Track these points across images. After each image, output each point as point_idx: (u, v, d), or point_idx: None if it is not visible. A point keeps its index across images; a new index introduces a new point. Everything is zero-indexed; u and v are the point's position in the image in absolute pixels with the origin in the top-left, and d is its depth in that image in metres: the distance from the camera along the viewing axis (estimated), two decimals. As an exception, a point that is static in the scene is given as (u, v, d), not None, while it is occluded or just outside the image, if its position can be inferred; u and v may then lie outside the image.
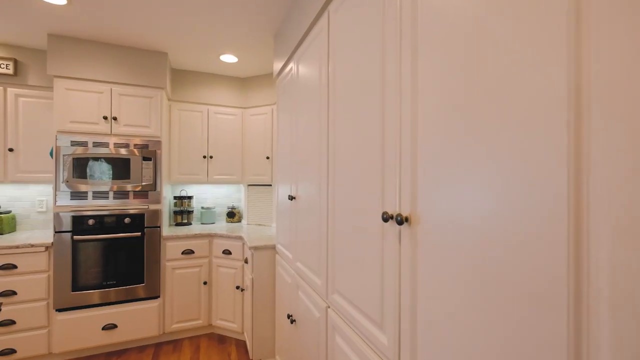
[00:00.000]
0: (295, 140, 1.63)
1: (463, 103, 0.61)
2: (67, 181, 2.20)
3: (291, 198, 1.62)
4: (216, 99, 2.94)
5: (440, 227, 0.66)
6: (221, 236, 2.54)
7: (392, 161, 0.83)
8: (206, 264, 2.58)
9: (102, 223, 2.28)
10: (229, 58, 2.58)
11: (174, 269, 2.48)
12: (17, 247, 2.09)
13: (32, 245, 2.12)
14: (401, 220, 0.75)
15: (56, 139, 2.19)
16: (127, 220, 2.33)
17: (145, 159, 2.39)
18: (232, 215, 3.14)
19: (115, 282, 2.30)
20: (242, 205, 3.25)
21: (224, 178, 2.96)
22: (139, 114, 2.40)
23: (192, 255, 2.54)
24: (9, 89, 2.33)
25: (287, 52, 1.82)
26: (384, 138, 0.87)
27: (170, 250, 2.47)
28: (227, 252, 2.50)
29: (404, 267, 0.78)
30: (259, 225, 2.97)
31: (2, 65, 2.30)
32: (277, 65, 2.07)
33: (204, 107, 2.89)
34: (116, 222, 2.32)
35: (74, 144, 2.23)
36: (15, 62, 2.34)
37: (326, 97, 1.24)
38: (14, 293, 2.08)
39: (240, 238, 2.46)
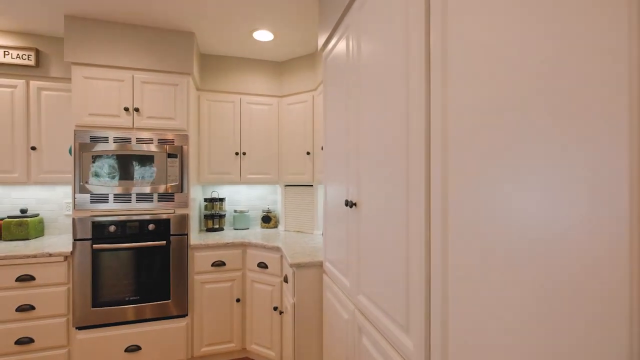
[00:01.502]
0: (358, 129, 1.17)
1: None
2: (87, 182, 1.93)
3: (350, 204, 1.16)
4: (249, 87, 2.57)
5: None
6: (256, 246, 2.16)
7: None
8: (239, 278, 2.22)
9: (123, 230, 2.00)
10: (263, 35, 2.18)
11: (203, 284, 2.14)
12: (35, 256, 1.86)
13: (50, 255, 1.88)
14: None
15: (75, 135, 1.94)
16: (151, 226, 2.03)
17: (170, 156, 2.07)
18: (268, 219, 2.76)
19: (138, 297, 2.01)
20: (278, 208, 2.87)
21: (258, 177, 2.58)
22: (164, 104, 2.09)
23: (224, 267, 2.18)
24: (31, 82, 2.13)
25: (338, 14, 1.36)
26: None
27: (199, 262, 2.14)
28: (262, 266, 2.11)
29: None
30: (299, 232, 2.56)
31: (23, 56, 2.11)
32: (323, 36, 1.62)
33: (236, 97, 2.54)
34: (139, 228, 2.02)
35: (94, 140, 1.96)
36: (37, 52, 2.13)
37: (421, 73, 0.76)
38: (32, 308, 1.86)
39: (277, 249, 2.05)
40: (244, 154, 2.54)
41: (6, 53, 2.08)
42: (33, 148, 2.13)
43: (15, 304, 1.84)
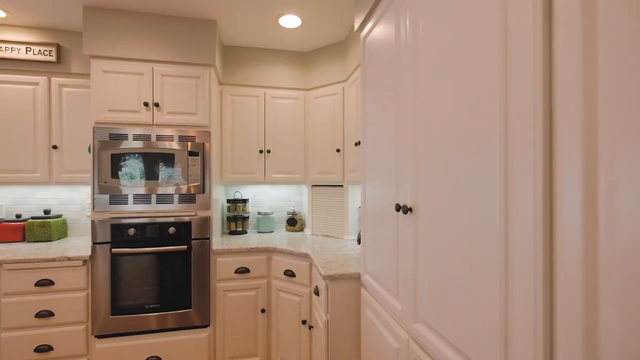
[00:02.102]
0: (415, 120, 0.94)
1: None
2: (105, 182, 1.83)
3: (403, 209, 0.94)
4: (274, 80, 2.40)
5: None
6: (282, 252, 1.97)
7: None
8: (264, 287, 2.04)
9: (143, 233, 1.87)
10: (290, 21, 1.99)
11: (226, 292, 1.98)
12: (54, 260, 1.77)
13: (69, 259, 1.78)
14: None
15: (94, 132, 1.83)
16: (171, 230, 1.89)
17: (191, 154, 1.93)
18: (293, 222, 2.57)
19: (159, 305, 1.88)
20: (304, 210, 2.67)
21: (283, 177, 2.40)
22: (184, 98, 1.95)
23: (248, 274, 2.01)
24: (52, 79, 2.06)
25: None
26: None
27: (222, 268, 1.98)
28: (289, 274, 1.92)
29: None
30: (327, 236, 2.35)
31: (44, 52, 2.04)
32: (362, 14, 1.40)
33: (260, 91, 2.37)
34: (159, 232, 1.89)
35: (113, 137, 1.85)
36: (58, 47, 2.06)
37: (538, 40, 0.52)
38: (51, 314, 1.77)
39: (306, 256, 1.85)
40: (269, 151, 2.36)
41: (28, 49, 2.02)
42: (54, 147, 2.06)
43: (34, 310, 1.75)
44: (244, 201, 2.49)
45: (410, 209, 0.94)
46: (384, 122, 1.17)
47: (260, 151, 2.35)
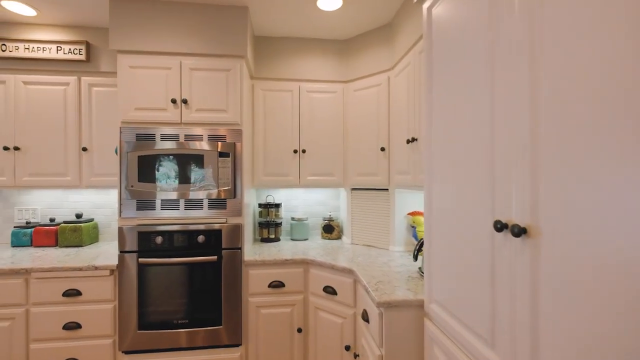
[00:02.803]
0: (533, 105, 0.66)
1: None
2: (132, 186, 1.69)
3: (513, 231, 0.65)
4: (309, 73, 2.17)
5: None
6: (321, 265, 1.73)
7: None
8: (300, 303, 1.81)
9: (171, 242, 1.72)
10: (329, 3, 1.75)
11: (259, 308, 1.79)
12: (81, 269, 1.66)
13: (96, 268, 1.67)
14: None
15: (120, 133, 1.71)
16: (200, 238, 1.73)
17: (221, 154, 1.75)
18: (330, 229, 2.33)
19: (187, 321, 1.72)
20: (342, 216, 2.42)
21: (320, 180, 2.17)
22: (214, 93, 1.77)
23: (282, 289, 1.80)
24: (82, 78, 1.99)
25: None
26: None
27: (255, 281, 1.78)
28: (330, 291, 1.68)
29: None
30: (369, 246, 2.08)
31: (74, 51, 1.96)
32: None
33: (294, 85, 2.15)
34: (188, 240, 1.73)
35: (140, 137, 1.72)
36: (87, 45, 1.98)
37: None
38: (78, 326, 1.66)
39: (350, 272, 1.60)
40: (304, 151, 2.14)
41: (59, 48, 1.95)
42: (84, 149, 1.98)
43: (62, 321, 1.66)
44: (277, 206, 2.29)
45: (525, 230, 0.65)
46: (466, 110, 0.89)
47: (295, 151, 2.13)
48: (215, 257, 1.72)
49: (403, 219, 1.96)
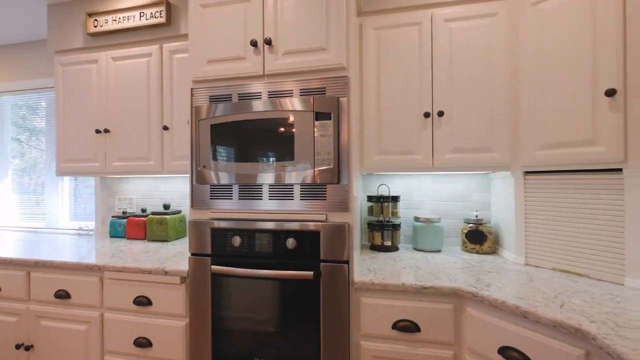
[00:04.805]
0: None
1: None
2: (204, 166, 1.25)
3: None
4: (448, -9, 1.39)
5: None
6: (496, 306, 0.94)
7: None
8: (450, 365, 1.06)
9: (251, 244, 1.21)
10: None
11: (376, 358, 1.11)
12: (150, 272, 1.31)
13: (166, 273, 1.29)
14: None
15: (191, 96, 1.29)
16: (290, 243, 1.16)
17: (319, 116, 1.14)
18: (479, 237, 1.48)
19: (272, 362, 1.18)
20: (496, 217, 1.54)
21: (467, 158, 1.35)
22: (308, 27, 1.19)
23: (416, 335, 1.08)
24: (164, 46, 1.71)
25: None
26: None
27: (370, 316, 1.11)
28: (516, 358, 0.87)
29: None
30: (566, 273, 1.16)
31: (155, 14, 1.70)
32: None
33: (423, 14, 1.40)
34: (272, 244, 1.19)
35: (213, 99, 1.27)
36: (167, 5, 1.69)
37: None
38: (149, 344, 1.31)
39: (582, 337, 0.76)
40: (440, 114, 1.36)
41: (142, 14, 1.72)
42: (165, 128, 1.69)
43: (133, 334, 1.34)
44: (394, 199, 1.58)
45: None
46: None
47: (426, 114, 1.38)
48: (311, 272, 1.12)
49: (662, 228, 0.98)
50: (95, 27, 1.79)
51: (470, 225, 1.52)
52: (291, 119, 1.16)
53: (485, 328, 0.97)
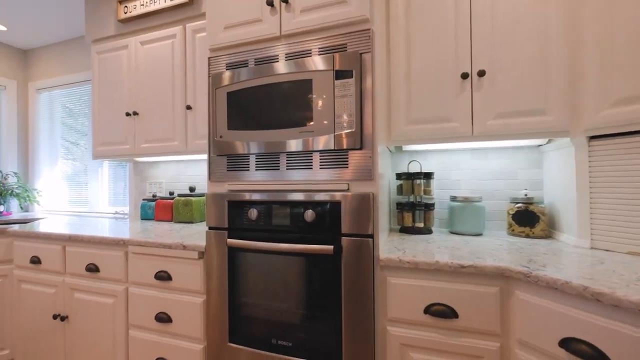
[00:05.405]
0: None
1: None
2: (221, 137, 1.20)
3: None
4: None
5: None
6: (559, 287, 0.76)
7: None
8: (493, 356, 0.89)
9: (268, 217, 1.13)
10: None
11: (406, 348, 0.97)
12: (170, 246, 1.29)
13: (185, 247, 1.26)
14: None
15: (209, 65, 1.25)
16: (308, 215, 1.06)
17: (339, 75, 1.03)
18: (529, 219, 1.27)
19: (290, 344, 1.09)
20: (553, 194, 1.32)
21: (514, 125, 1.16)
22: (327, -22, 1.08)
23: (452, 322, 0.92)
24: (187, 26, 1.70)
25: None
26: None
27: (398, 297, 0.98)
28: (583, 353, 0.69)
29: None
30: (654, 257, 0.93)
31: (179, -6, 1.70)
32: None
33: (460, -38, 1.23)
34: (290, 216, 1.10)
35: (230, 66, 1.21)
36: (191, -16, 1.68)
37: None
38: (169, 319, 1.30)
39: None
40: (481, 74, 1.18)
41: (166, -4, 1.73)
42: (188, 107, 1.68)
43: (154, 309, 1.33)
44: (427, 176, 1.42)
45: None
46: None
47: (464, 76, 1.20)
48: (331, 247, 1.01)
49: None
50: (125, 13, 1.84)
51: (519, 205, 1.31)
52: (309, 80, 1.06)
53: (541, 315, 0.79)
